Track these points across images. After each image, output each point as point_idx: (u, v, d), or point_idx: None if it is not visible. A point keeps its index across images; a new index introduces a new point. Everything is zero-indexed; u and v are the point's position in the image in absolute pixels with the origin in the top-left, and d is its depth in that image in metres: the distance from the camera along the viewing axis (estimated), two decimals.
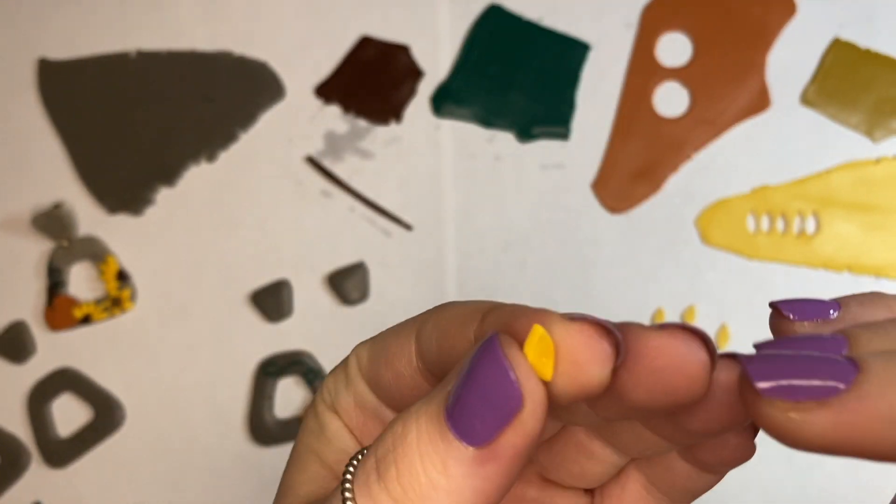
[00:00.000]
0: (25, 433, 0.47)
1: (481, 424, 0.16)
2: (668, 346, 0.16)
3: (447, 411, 0.17)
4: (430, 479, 0.16)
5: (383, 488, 0.17)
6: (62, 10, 0.51)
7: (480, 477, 0.16)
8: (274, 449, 0.46)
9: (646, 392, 0.16)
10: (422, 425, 0.17)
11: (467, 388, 0.17)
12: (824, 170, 0.47)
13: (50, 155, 0.50)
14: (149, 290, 0.48)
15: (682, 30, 0.49)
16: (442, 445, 0.17)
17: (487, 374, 0.16)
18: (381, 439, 0.18)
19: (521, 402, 0.16)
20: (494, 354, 0.17)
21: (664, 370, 0.16)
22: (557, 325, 0.17)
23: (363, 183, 0.48)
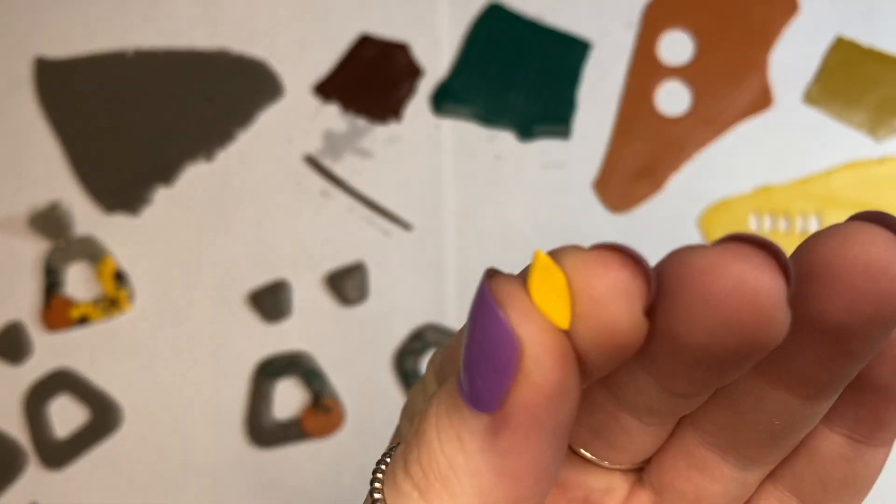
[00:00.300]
0: (22, 434, 0.47)
1: (484, 384, 0.13)
2: (721, 266, 0.12)
3: (459, 379, 0.14)
4: (448, 459, 0.14)
5: (407, 474, 0.15)
6: (58, 7, 0.50)
7: (498, 451, 0.14)
8: (272, 450, 0.46)
9: (703, 331, 0.13)
10: (441, 399, 0.15)
11: (468, 345, 0.14)
12: (827, 169, 0.47)
13: (47, 154, 0.49)
14: (146, 291, 0.48)
15: (683, 28, 0.48)
16: (457, 418, 0.14)
17: (482, 323, 0.13)
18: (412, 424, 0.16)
19: (517, 348, 0.13)
20: (484, 297, 0.14)
21: (720, 298, 0.12)
22: (568, 255, 0.13)
23: (363, 182, 0.48)
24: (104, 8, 0.50)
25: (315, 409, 0.46)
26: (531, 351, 0.13)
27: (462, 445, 0.14)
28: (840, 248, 0.13)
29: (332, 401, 0.46)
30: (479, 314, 0.14)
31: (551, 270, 0.13)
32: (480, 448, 0.14)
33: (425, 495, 0.14)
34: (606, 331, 0.13)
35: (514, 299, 0.13)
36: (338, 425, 0.46)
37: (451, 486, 0.14)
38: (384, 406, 0.46)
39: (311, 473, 0.46)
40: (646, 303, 0.13)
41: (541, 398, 0.13)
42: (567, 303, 0.13)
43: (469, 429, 0.14)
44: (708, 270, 0.12)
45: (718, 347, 0.13)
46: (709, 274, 0.12)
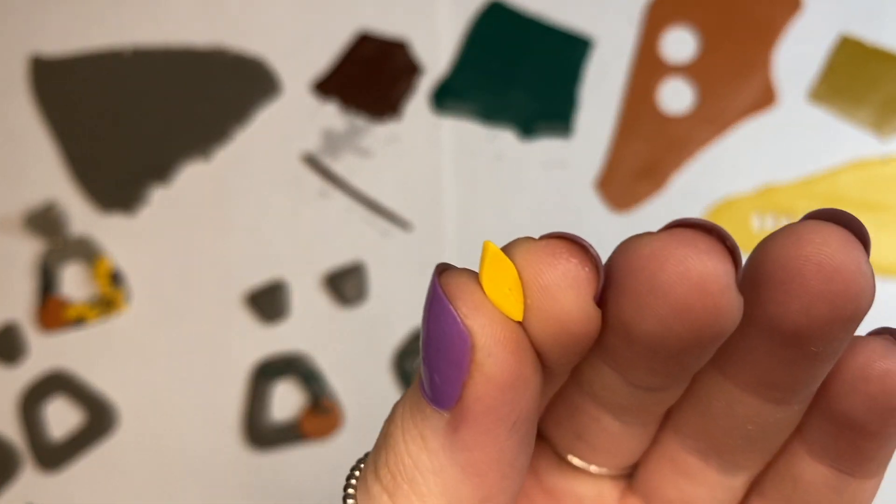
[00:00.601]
0: (17, 436, 0.47)
1: (441, 380, 0.13)
2: (666, 253, 0.12)
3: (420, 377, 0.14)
4: (413, 458, 0.14)
5: (376, 477, 0.15)
6: (55, 5, 0.50)
7: (459, 447, 0.14)
8: (270, 452, 0.46)
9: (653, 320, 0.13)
10: (405, 400, 0.15)
11: (424, 343, 0.14)
12: (831, 168, 0.46)
13: (42, 154, 0.49)
14: (143, 291, 0.48)
15: (686, 26, 0.48)
16: (419, 417, 0.14)
17: (434, 319, 0.13)
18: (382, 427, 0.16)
19: (468, 341, 0.13)
20: (435, 291, 0.13)
21: (667, 285, 0.12)
22: (518, 246, 0.13)
23: (362, 182, 0.48)
24: (101, 5, 0.50)
25: (314, 410, 0.45)
26: (482, 343, 0.13)
27: (425, 444, 0.14)
28: (793, 249, 0.13)
29: (330, 402, 0.45)
30: (430, 310, 0.14)
31: (501, 261, 0.13)
32: (442, 445, 0.14)
33: (393, 497, 0.14)
34: (558, 321, 0.13)
35: (463, 292, 0.13)
36: (337, 427, 0.45)
37: (418, 487, 0.14)
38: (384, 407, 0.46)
39: (309, 475, 0.45)
40: (595, 292, 0.13)
41: (496, 390, 0.13)
42: (520, 294, 0.13)
43: (431, 427, 0.14)
44: (653, 258, 0.12)
45: (670, 335, 0.13)
46: (655, 261, 0.12)
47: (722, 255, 0.12)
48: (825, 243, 0.12)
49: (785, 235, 0.13)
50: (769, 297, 0.13)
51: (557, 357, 0.14)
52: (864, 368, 0.14)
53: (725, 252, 0.12)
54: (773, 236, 0.13)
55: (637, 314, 0.13)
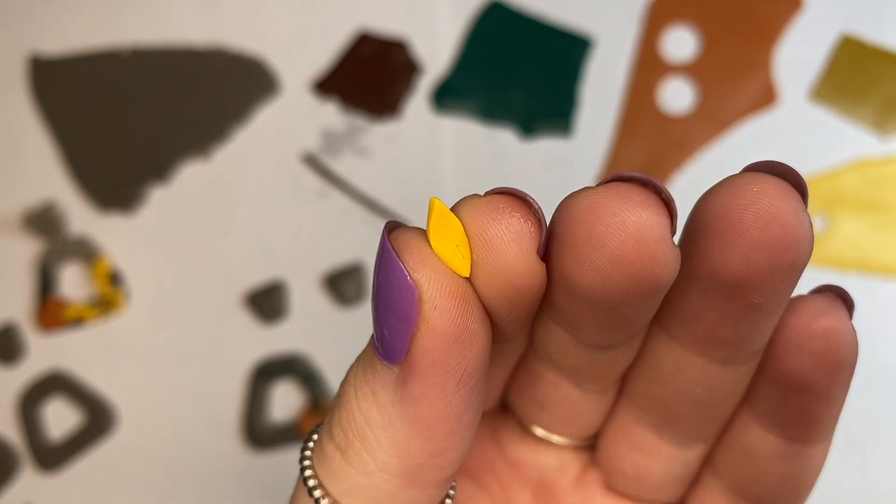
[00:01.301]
0: (16, 437, 0.46)
1: (390, 333, 0.14)
2: (603, 205, 0.12)
3: (373, 334, 0.15)
4: (364, 415, 0.14)
5: (330, 437, 0.15)
6: (53, 3, 0.50)
7: (408, 401, 0.14)
8: (269, 453, 0.46)
9: (593, 272, 0.13)
10: (359, 359, 0.15)
11: (374, 298, 0.14)
12: (832, 168, 0.46)
13: (41, 153, 0.49)
14: (142, 291, 0.47)
15: (686, 25, 0.48)
16: (370, 373, 0.14)
17: (383, 273, 0.14)
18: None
19: (414, 294, 0.13)
20: (384, 246, 0.14)
21: (604, 237, 0.12)
22: (464, 203, 0.14)
23: (361, 181, 0.47)
24: (100, 5, 0.50)
25: (313, 411, 0.45)
26: (428, 295, 0.13)
27: (376, 399, 0.14)
28: (731, 198, 0.13)
29: (330, 403, 0.45)
30: (380, 265, 0.14)
31: (448, 218, 0.13)
32: (392, 399, 0.14)
33: (346, 454, 0.14)
34: (502, 275, 0.13)
35: (411, 247, 0.13)
36: None
37: (368, 442, 0.14)
38: None
39: None
40: (538, 245, 0.13)
41: (442, 342, 0.13)
42: (466, 251, 0.13)
43: (381, 382, 0.14)
44: (590, 211, 0.13)
45: (609, 286, 0.13)
46: (592, 214, 0.13)
47: (657, 207, 0.12)
48: (763, 192, 0.13)
49: (723, 187, 0.13)
50: (709, 248, 0.13)
51: (505, 312, 0.14)
52: (808, 326, 0.14)
53: (661, 204, 0.13)
54: (712, 189, 0.14)
55: (577, 267, 0.13)
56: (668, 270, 0.13)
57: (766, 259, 0.13)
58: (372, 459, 0.14)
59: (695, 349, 0.15)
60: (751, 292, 0.13)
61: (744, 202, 0.13)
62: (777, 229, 0.13)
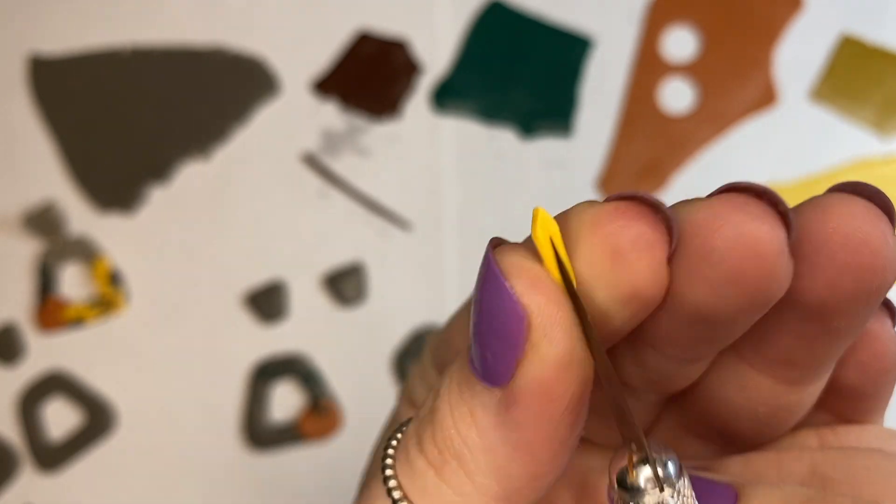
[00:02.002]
0: (16, 436, 0.46)
1: (493, 358, 0.13)
2: (720, 218, 0.12)
3: (469, 353, 0.14)
4: (462, 435, 0.14)
5: (421, 451, 0.14)
6: (53, 3, 0.50)
7: (511, 426, 0.13)
8: (269, 453, 0.45)
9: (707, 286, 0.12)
10: (452, 375, 0.14)
11: (476, 318, 0.13)
12: (833, 167, 0.46)
13: (41, 153, 0.49)
14: (142, 291, 0.47)
15: (686, 25, 0.48)
16: (468, 393, 0.14)
17: (488, 295, 0.13)
18: (425, 400, 0.15)
19: (524, 320, 0.12)
20: (489, 266, 0.13)
21: (722, 252, 0.12)
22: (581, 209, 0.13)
23: (361, 181, 0.47)
24: (100, 5, 0.50)
25: (313, 411, 0.45)
26: (538, 322, 0.13)
27: (475, 421, 0.14)
28: (819, 221, 0.12)
29: (330, 403, 0.45)
30: (484, 286, 0.13)
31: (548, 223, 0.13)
32: (493, 423, 0.13)
33: (441, 473, 0.14)
34: (630, 286, 0.13)
35: (519, 269, 0.13)
36: (336, 427, 0.45)
37: (466, 463, 0.14)
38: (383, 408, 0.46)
39: (309, 476, 0.45)
40: (669, 252, 0.13)
41: (551, 371, 0.13)
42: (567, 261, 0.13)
43: (481, 404, 0.14)
44: (707, 224, 0.12)
45: (723, 302, 0.12)
46: (708, 227, 0.12)
47: (775, 220, 0.12)
48: (852, 215, 0.12)
49: (810, 208, 0.13)
50: (794, 270, 0.13)
51: (621, 324, 0.13)
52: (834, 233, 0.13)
53: (778, 216, 0.12)
54: (798, 209, 0.13)
55: (688, 282, 0.12)
56: (782, 286, 0.12)
57: (851, 284, 0.12)
58: (470, 481, 0.14)
59: (764, 370, 0.14)
60: (832, 317, 0.13)
61: (832, 225, 0.12)
62: (866, 254, 0.12)
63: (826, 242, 0.12)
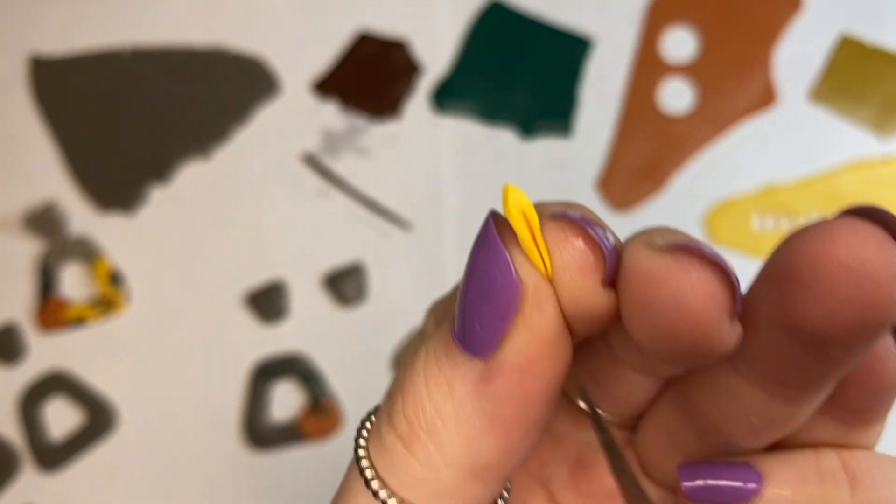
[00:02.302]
0: (17, 436, 0.46)
1: (481, 326, 0.13)
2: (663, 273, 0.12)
3: (454, 323, 0.14)
4: (436, 406, 0.14)
5: (391, 425, 0.14)
6: (53, 3, 0.50)
7: (489, 398, 0.13)
8: (270, 453, 0.46)
9: (643, 331, 0.12)
10: (430, 346, 0.14)
11: (466, 286, 0.13)
12: (832, 168, 0.46)
13: (42, 153, 0.49)
14: (142, 291, 0.47)
15: (686, 25, 0.48)
16: (447, 363, 0.14)
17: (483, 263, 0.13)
18: (395, 374, 0.15)
19: (518, 290, 0.13)
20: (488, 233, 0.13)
21: (658, 305, 0.12)
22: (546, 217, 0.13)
23: (361, 182, 0.47)
24: (100, 5, 0.50)
25: (313, 411, 0.45)
26: (533, 294, 0.13)
27: (451, 391, 0.13)
28: (824, 249, 0.12)
29: (330, 402, 0.45)
30: (481, 252, 0.13)
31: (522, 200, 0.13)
32: (471, 394, 0.13)
33: (410, 446, 0.14)
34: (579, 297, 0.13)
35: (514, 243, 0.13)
36: (336, 427, 0.45)
37: (437, 435, 0.14)
38: None
39: (309, 476, 0.45)
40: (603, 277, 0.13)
41: (539, 345, 0.13)
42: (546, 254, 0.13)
43: (461, 374, 0.13)
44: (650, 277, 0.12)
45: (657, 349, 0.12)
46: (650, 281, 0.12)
47: (720, 288, 0.12)
48: (860, 246, 0.11)
49: (817, 233, 0.12)
50: (792, 296, 0.12)
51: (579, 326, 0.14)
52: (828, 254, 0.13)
53: (724, 285, 0.12)
54: (805, 232, 0.12)
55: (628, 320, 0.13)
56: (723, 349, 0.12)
57: (853, 317, 0.12)
58: (439, 453, 0.14)
59: (757, 385, 0.14)
60: (830, 348, 0.12)
61: (838, 255, 0.12)
62: (871, 288, 0.11)
63: (829, 274, 0.12)
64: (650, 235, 0.13)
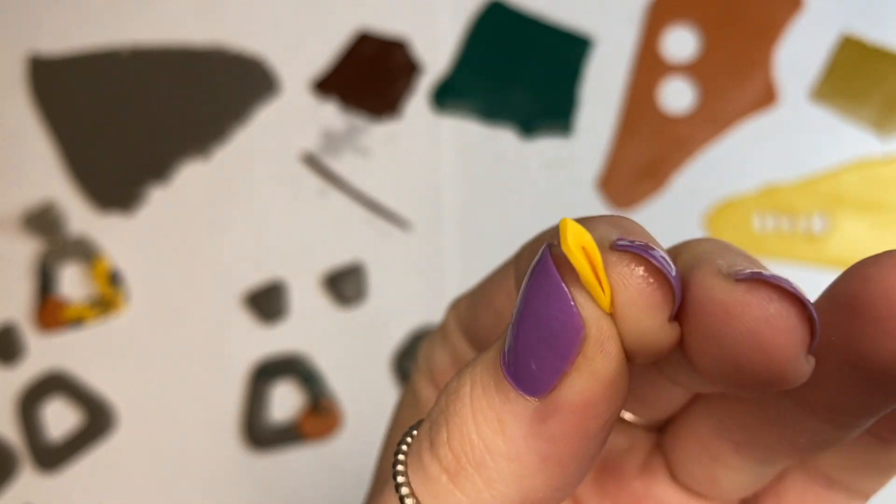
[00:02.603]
0: (16, 436, 0.46)
1: (538, 366, 0.12)
2: (739, 306, 0.11)
3: (503, 356, 0.13)
4: (485, 442, 0.13)
5: (434, 456, 0.13)
6: (52, 3, 0.50)
7: (544, 438, 0.13)
8: (269, 453, 0.45)
9: (710, 363, 0.12)
10: (476, 376, 0.14)
11: (521, 321, 0.13)
12: (833, 168, 0.46)
13: (41, 153, 0.49)
14: (142, 291, 0.47)
15: (687, 25, 0.48)
16: (497, 399, 0.13)
17: (540, 299, 0.12)
18: (437, 400, 0.14)
19: (580, 331, 0.12)
20: (546, 268, 0.12)
21: (732, 339, 0.11)
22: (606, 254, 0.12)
23: (361, 181, 0.47)
24: (99, 5, 0.50)
25: (313, 411, 0.45)
26: (595, 335, 0.12)
27: (503, 428, 0.13)
28: (891, 280, 0.11)
29: (330, 403, 0.45)
30: (537, 290, 0.12)
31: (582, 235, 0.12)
32: (525, 434, 0.13)
33: (455, 479, 0.13)
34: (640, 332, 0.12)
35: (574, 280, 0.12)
36: (336, 427, 0.45)
37: (486, 471, 0.13)
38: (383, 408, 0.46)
39: (309, 476, 0.45)
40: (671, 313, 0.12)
41: (600, 387, 0.12)
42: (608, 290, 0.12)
43: (513, 412, 0.13)
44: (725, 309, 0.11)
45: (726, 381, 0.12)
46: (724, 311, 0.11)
47: (799, 323, 0.11)
48: None
49: (881, 264, 0.11)
50: (861, 330, 0.11)
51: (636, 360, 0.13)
52: None
53: (804, 320, 0.11)
54: (877, 260, 0.12)
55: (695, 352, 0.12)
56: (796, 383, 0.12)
57: None
58: (487, 489, 0.13)
59: (809, 410, 0.13)
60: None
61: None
62: None
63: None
64: (714, 258, 0.13)
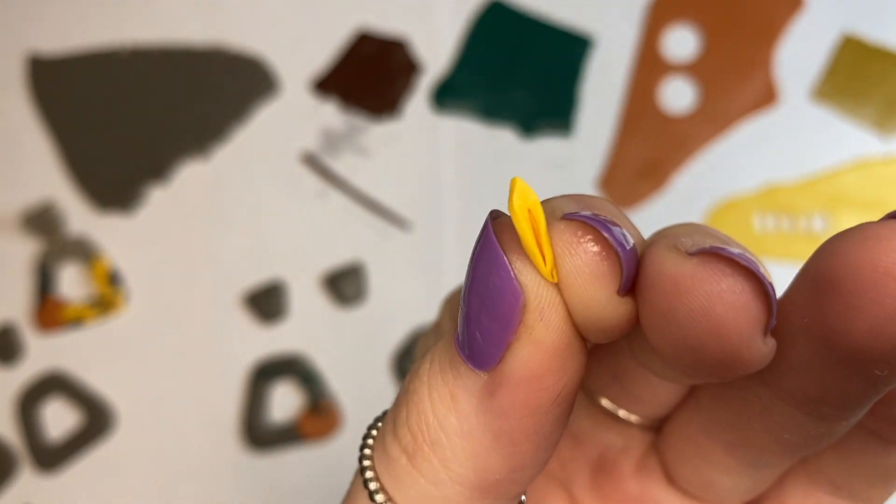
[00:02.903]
0: (15, 437, 0.46)
1: (483, 337, 0.12)
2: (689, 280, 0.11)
3: (457, 332, 0.13)
4: (439, 419, 0.13)
5: (395, 437, 0.13)
6: (52, 2, 0.50)
7: (494, 412, 0.12)
8: (269, 454, 0.45)
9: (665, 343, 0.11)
10: (435, 354, 0.13)
11: (467, 294, 0.12)
12: (834, 167, 0.46)
13: (40, 153, 0.49)
14: (141, 291, 0.47)
15: (687, 24, 0.48)
16: (451, 374, 0.13)
17: (482, 269, 0.12)
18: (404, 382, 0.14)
19: (519, 297, 0.12)
20: (488, 239, 0.12)
21: (683, 316, 0.11)
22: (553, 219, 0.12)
23: (361, 181, 0.47)
24: (99, 4, 0.50)
25: (313, 411, 0.45)
26: (535, 303, 0.12)
27: (455, 404, 0.13)
28: (869, 255, 0.10)
29: (329, 403, 0.45)
30: (480, 257, 0.12)
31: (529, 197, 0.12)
32: (475, 408, 0.13)
33: (413, 459, 0.13)
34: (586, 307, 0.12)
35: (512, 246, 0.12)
36: (336, 427, 0.45)
37: (442, 449, 0.13)
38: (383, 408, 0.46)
39: (308, 477, 0.45)
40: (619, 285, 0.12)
41: (543, 356, 0.12)
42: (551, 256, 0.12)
43: (464, 386, 0.13)
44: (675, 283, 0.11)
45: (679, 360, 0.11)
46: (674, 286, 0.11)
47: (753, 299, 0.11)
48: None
49: (860, 237, 0.11)
50: (832, 308, 0.11)
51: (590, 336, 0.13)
52: None
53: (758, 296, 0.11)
54: (846, 235, 0.11)
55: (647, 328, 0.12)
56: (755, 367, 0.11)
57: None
58: (444, 468, 0.13)
59: (789, 401, 0.13)
60: (873, 365, 0.11)
61: (884, 263, 0.10)
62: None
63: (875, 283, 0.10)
64: (677, 235, 0.12)
